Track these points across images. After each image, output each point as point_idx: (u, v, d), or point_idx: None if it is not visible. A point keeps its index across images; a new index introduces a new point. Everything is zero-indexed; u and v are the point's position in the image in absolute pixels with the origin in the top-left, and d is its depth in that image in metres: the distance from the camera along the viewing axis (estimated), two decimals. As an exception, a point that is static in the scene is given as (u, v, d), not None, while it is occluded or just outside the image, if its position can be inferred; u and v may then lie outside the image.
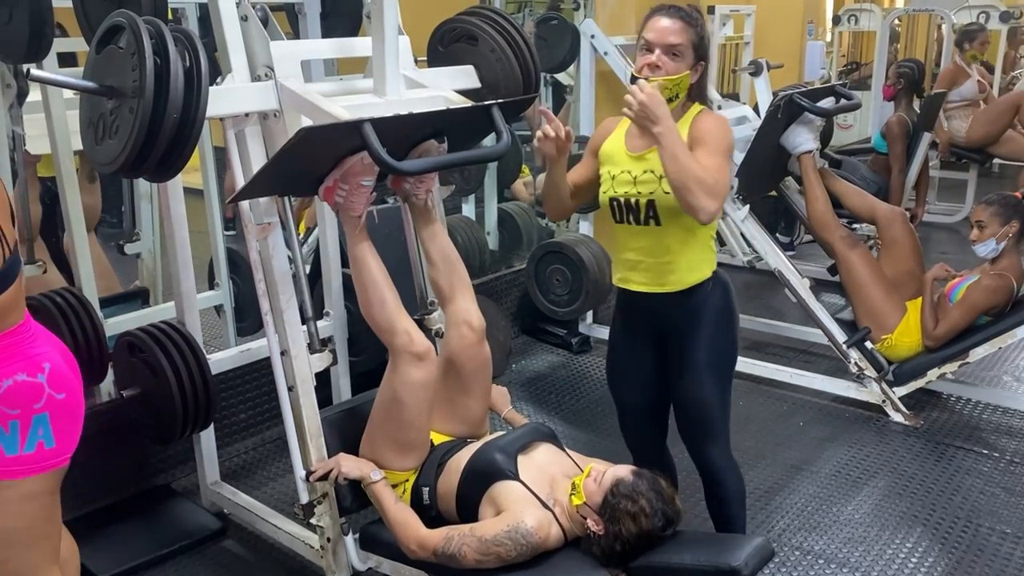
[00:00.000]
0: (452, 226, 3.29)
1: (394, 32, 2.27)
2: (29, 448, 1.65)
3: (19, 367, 1.64)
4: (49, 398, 1.67)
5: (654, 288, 2.24)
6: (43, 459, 1.67)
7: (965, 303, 3.36)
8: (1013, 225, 3.33)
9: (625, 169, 2.20)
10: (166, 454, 3.01)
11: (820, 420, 3.54)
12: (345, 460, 2.20)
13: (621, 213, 2.22)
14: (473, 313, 2.30)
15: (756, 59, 4.63)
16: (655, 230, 2.18)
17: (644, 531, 1.92)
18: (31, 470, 1.66)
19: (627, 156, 2.20)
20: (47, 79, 1.96)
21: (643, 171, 2.16)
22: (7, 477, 1.64)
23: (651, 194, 2.15)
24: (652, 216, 2.17)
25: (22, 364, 1.65)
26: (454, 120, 2.16)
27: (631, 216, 2.20)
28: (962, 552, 2.67)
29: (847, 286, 3.65)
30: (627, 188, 2.18)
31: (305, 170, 2.07)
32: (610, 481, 1.97)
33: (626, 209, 2.20)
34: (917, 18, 8.47)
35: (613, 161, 2.24)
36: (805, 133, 3.61)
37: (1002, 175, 7.79)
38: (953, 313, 3.37)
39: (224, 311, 3.65)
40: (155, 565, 2.62)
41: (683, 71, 2.08)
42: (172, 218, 2.56)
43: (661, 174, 2.10)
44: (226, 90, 2.08)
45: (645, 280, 2.25)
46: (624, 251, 2.28)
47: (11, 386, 1.62)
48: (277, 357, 2.23)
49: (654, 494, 1.95)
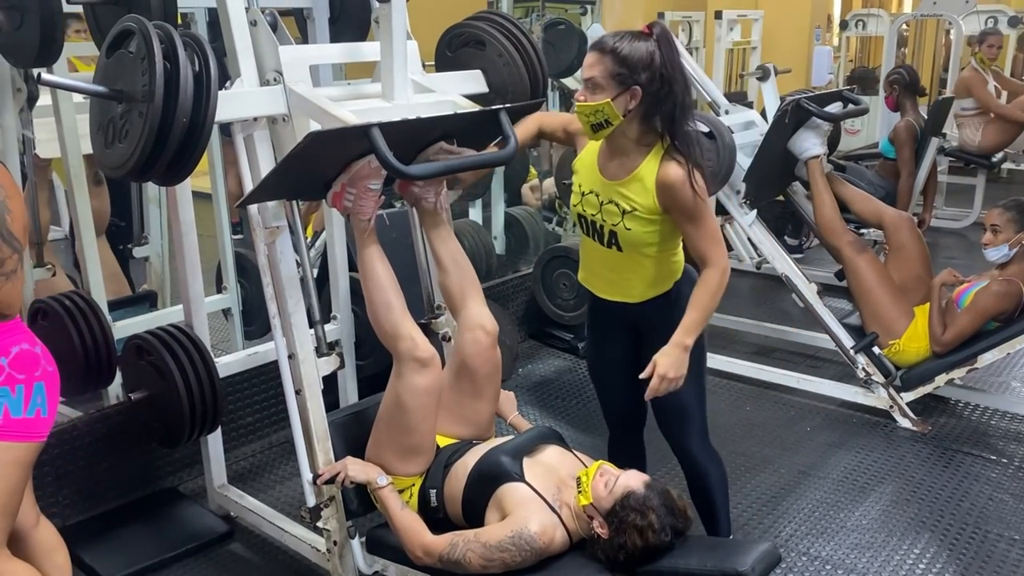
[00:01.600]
0: (459, 230, 3.27)
1: (402, 37, 2.28)
2: (30, 413, 1.79)
3: (22, 338, 1.82)
4: (44, 369, 1.84)
5: (616, 297, 2.32)
6: (39, 427, 1.81)
7: (973, 309, 3.35)
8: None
9: (594, 191, 2.24)
10: (173, 457, 3.02)
11: (827, 425, 3.53)
12: (352, 464, 2.21)
13: (587, 229, 2.29)
14: (486, 317, 2.30)
15: (763, 64, 4.64)
16: (616, 253, 2.25)
17: (651, 545, 1.91)
18: (29, 436, 1.80)
19: (599, 178, 2.23)
20: (58, 83, 1.98)
21: (608, 200, 2.20)
22: (10, 439, 1.77)
23: (614, 226, 2.21)
24: (615, 244, 2.24)
25: (23, 336, 1.83)
26: (462, 124, 2.17)
27: (595, 236, 2.27)
28: (970, 559, 2.65)
29: (854, 291, 3.64)
30: (593, 210, 2.24)
31: (313, 174, 2.08)
32: (621, 491, 1.95)
33: (591, 228, 2.27)
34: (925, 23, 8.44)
35: (585, 177, 2.27)
36: (812, 138, 3.61)
37: (1010, 180, 7.78)
38: (961, 319, 3.36)
39: (232, 315, 3.66)
40: (162, 568, 2.62)
41: (601, 99, 2.09)
42: (180, 222, 2.57)
43: (625, 209, 2.17)
44: (235, 94, 2.09)
45: (608, 291, 2.33)
46: (589, 259, 2.36)
47: (19, 352, 1.79)
48: (285, 360, 2.24)
49: (664, 509, 1.94)
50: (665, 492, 1.98)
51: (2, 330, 1.79)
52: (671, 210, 2.16)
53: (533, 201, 5.27)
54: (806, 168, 3.65)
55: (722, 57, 5.32)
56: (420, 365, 2.12)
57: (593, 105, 2.09)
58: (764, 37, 5.61)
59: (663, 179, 2.13)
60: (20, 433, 1.78)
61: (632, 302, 2.30)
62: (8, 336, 1.79)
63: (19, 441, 1.78)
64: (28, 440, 1.80)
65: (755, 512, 2.90)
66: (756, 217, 3.67)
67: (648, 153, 2.16)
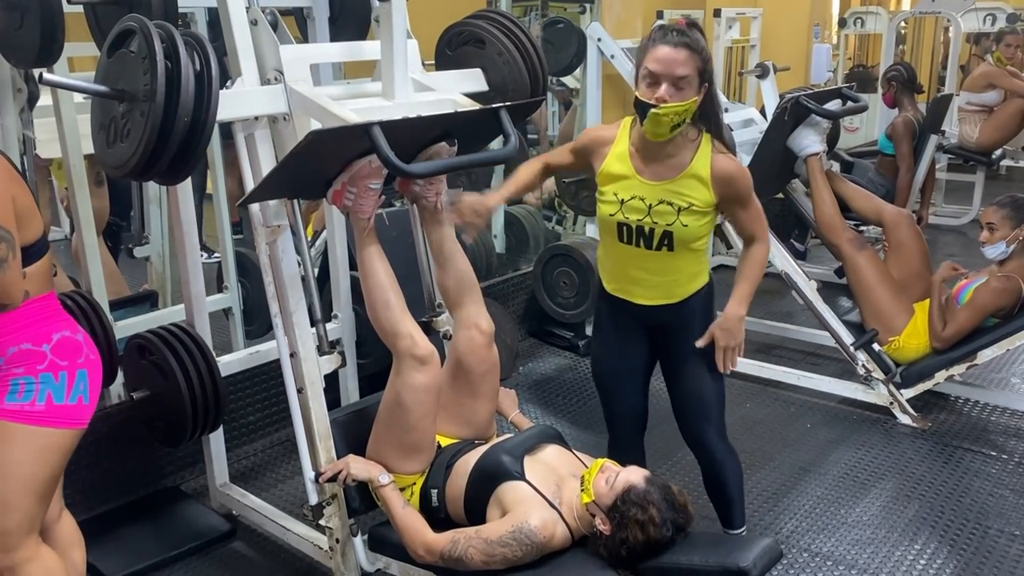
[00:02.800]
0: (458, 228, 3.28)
1: (402, 36, 2.28)
2: (73, 399, 1.81)
3: (64, 324, 1.83)
4: (87, 356, 1.85)
5: (659, 301, 2.32)
6: (81, 414, 1.83)
7: (972, 305, 3.35)
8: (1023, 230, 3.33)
9: (637, 195, 2.22)
10: (175, 456, 3.02)
11: (827, 422, 3.53)
12: (354, 462, 2.21)
13: (630, 236, 2.26)
14: (482, 317, 2.31)
15: (762, 62, 4.65)
16: (666, 254, 2.25)
17: (652, 540, 1.91)
18: (71, 422, 1.82)
19: (640, 182, 2.22)
20: (59, 83, 1.98)
21: (658, 201, 2.20)
22: (52, 425, 1.79)
23: (668, 226, 2.20)
24: (666, 244, 2.23)
25: (65, 323, 1.84)
26: (462, 123, 2.17)
27: (641, 241, 2.25)
28: (971, 554, 2.66)
29: (854, 288, 3.64)
30: (639, 216, 2.22)
31: (314, 173, 2.09)
32: (622, 486, 1.97)
33: (637, 234, 2.24)
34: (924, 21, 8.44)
35: (621, 185, 2.24)
36: (812, 135, 3.62)
37: (1009, 177, 7.78)
38: (961, 315, 3.37)
39: (233, 314, 3.66)
40: (164, 566, 2.62)
41: (689, 99, 2.08)
42: (182, 222, 2.58)
43: (681, 206, 2.18)
44: (236, 94, 2.10)
45: (651, 295, 2.32)
46: (626, 268, 2.33)
47: (61, 339, 1.81)
48: (286, 359, 2.24)
49: (665, 503, 1.94)
50: (666, 487, 1.99)
51: (43, 316, 1.80)
52: (727, 198, 2.21)
53: (532, 200, 5.28)
54: (805, 165, 3.66)
55: (721, 55, 5.32)
56: (419, 363, 2.13)
57: (684, 105, 2.06)
58: (763, 35, 5.60)
59: (723, 171, 2.18)
60: (62, 420, 1.80)
61: (674, 302, 2.32)
62: (49, 323, 1.80)
63: (61, 427, 1.80)
64: (70, 427, 1.82)
65: (756, 508, 2.90)
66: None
67: (696, 148, 2.18)
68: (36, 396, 1.76)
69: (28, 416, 1.76)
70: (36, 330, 1.78)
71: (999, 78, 5.98)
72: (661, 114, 2.06)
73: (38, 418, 1.77)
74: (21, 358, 1.77)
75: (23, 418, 1.76)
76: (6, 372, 1.77)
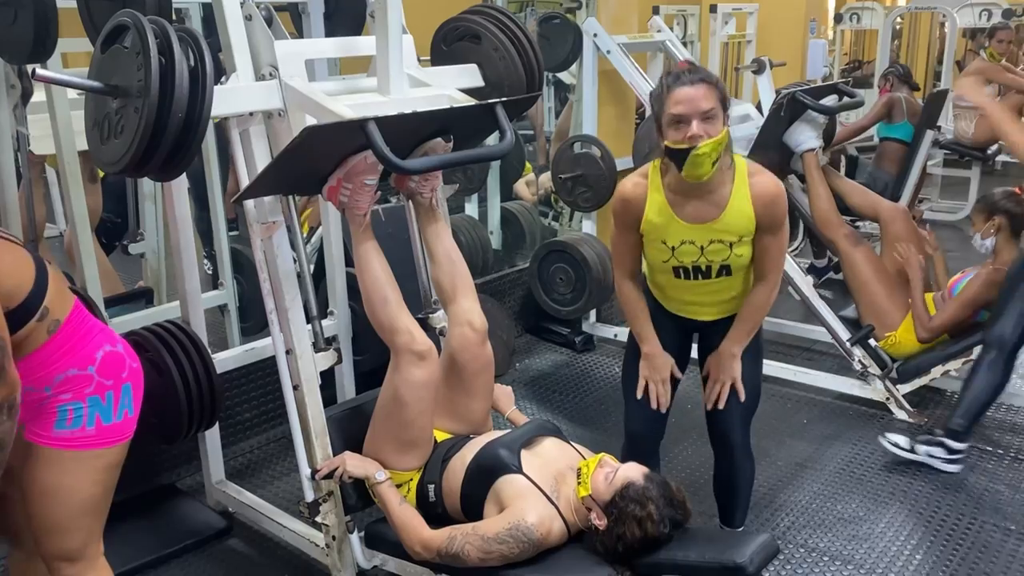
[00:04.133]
0: (455, 225, 3.28)
1: (398, 31, 2.27)
2: (119, 417, 1.75)
3: (103, 339, 1.75)
4: (129, 367, 1.78)
5: (724, 314, 2.36)
6: (127, 428, 1.78)
7: (961, 296, 3.36)
8: (996, 220, 3.34)
9: (686, 240, 2.21)
10: (171, 453, 3.02)
11: (824, 418, 3.54)
12: (350, 458, 2.21)
13: (687, 274, 2.28)
14: (475, 313, 2.30)
15: (758, 57, 4.64)
16: (725, 280, 2.28)
17: (649, 536, 1.91)
18: (120, 438, 1.77)
19: (685, 227, 2.20)
20: (53, 79, 1.96)
21: (709, 241, 2.20)
22: (103, 446, 1.74)
23: (724, 260, 2.22)
24: (724, 273, 2.25)
25: (104, 336, 1.75)
26: (458, 118, 2.16)
27: (699, 275, 2.27)
28: (967, 549, 2.67)
29: (850, 283, 3.65)
30: (693, 257, 2.23)
31: (309, 169, 2.08)
32: (621, 482, 1.96)
33: (694, 272, 2.27)
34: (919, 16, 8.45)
35: (668, 232, 2.22)
36: (808, 131, 3.62)
37: (1005, 173, 7.79)
38: (950, 306, 3.37)
39: (228, 311, 3.65)
40: (161, 564, 2.62)
41: (721, 131, 2.07)
42: (177, 219, 2.56)
43: (732, 241, 2.18)
44: (231, 89, 2.09)
45: (716, 312, 2.36)
46: (684, 295, 2.35)
47: (104, 356, 1.72)
48: (282, 356, 2.24)
49: (663, 500, 1.94)
50: (665, 483, 1.98)
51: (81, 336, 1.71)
52: (765, 222, 2.18)
53: (528, 196, 5.27)
54: (802, 161, 3.66)
55: (717, 51, 5.32)
56: (418, 358, 2.13)
57: (718, 139, 2.06)
58: (759, 31, 5.60)
59: (764, 193, 2.16)
60: (112, 439, 1.75)
61: (733, 314, 2.35)
62: (89, 341, 1.72)
63: (112, 446, 1.76)
64: (119, 443, 1.78)
65: (753, 504, 2.89)
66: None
67: (733, 175, 2.17)
68: (86, 421, 1.71)
69: (79, 442, 1.72)
70: (79, 353, 1.70)
71: (995, 73, 5.98)
72: (701, 154, 2.04)
73: (89, 442, 1.72)
74: (68, 384, 1.70)
75: (75, 444, 1.71)
76: (53, 399, 1.70)
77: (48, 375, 1.68)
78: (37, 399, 1.68)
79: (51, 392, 1.69)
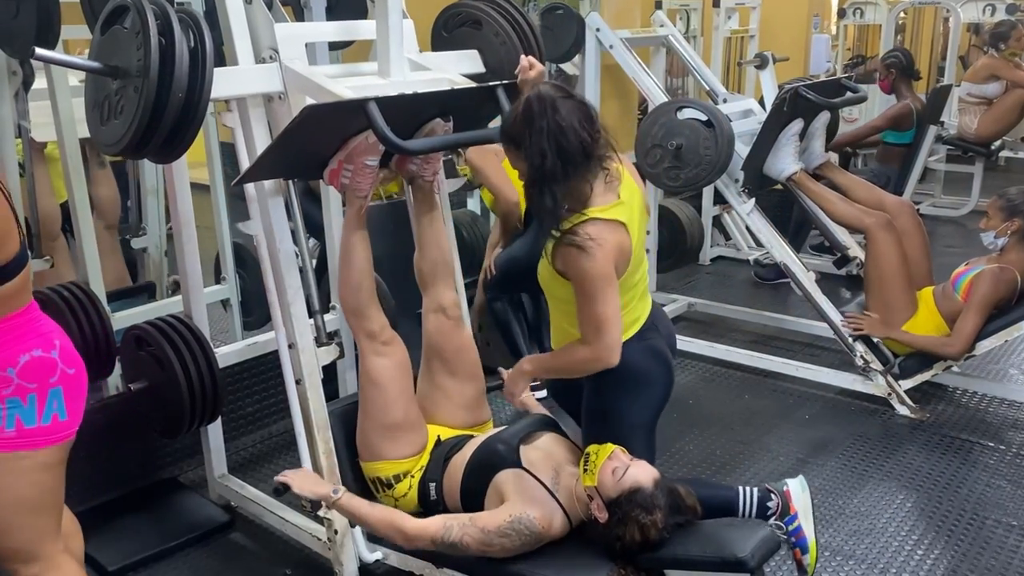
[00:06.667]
0: (456, 220, 3.28)
1: (398, 14, 2.26)
2: (46, 420, 1.74)
3: (34, 343, 1.73)
4: (62, 373, 1.76)
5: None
6: (58, 431, 1.77)
7: (974, 301, 3.30)
8: (1014, 223, 3.32)
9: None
10: (174, 447, 3.02)
11: (826, 413, 3.53)
12: (303, 480, 2.11)
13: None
14: (448, 298, 2.33)
15: (761, 52, 4.63)
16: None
17: (649, 541, 1.91)
18: (47, 441, 1.76)
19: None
20: (53, 59, 1.95)
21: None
22: (26, 448, 1.73)
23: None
24: None
25: (36, 341, 1.74)
26: (459, 101, 2.15)
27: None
28: (968, 544, 2.67)
29: (867, 273, 3.57)
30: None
31: (310, 152, 2.07)
32: (630, 483, 1.92)
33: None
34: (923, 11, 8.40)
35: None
36: (785, 158, 3.55)
37: (1008, 168, 7.78)
38: (968, 319, 3.29)
39: (231, 305, 3.66)
40: (163, 557, 2.62)
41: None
42: (179, 213, 2.56)
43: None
44: (231, 71, 2.08)
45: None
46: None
47: (28, 361, 1.71)
48: (285, 350, 2.24)
49: (670, 509, 1.92)
50: (673, 491, 1.96)
51: (12, 339, 1.70)
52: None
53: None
54: (793, 185, 3.61)
55: (720, 45, 5.31)
56: (382, 344, 2.21)
57: None
58: (762, 26, 5.58)
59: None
60: (36, 440, 1.74)
61: None
62: (17, 345, 1.70)
63: (36, 448, 1.74)
64: (47, 445, 1.76)
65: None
66: (755, 206, 3.67)
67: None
68: (4, 422, 1.70)
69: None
70: (1, 355, 1.69)
71: (1004, 69, 5.97)
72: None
73: (9, 443, 1.71)
74: None
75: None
76: None
77: None
78: None
79: None
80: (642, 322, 2.16)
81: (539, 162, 1.90)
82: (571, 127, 1.89)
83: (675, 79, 6.23)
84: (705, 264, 5.41)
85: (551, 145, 1.88)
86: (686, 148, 3.39)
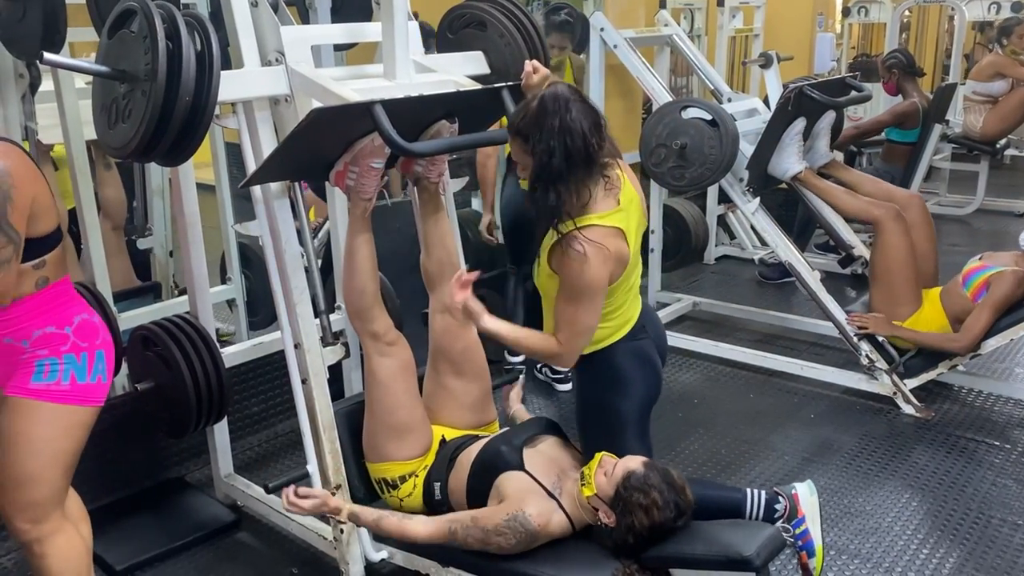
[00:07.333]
0: (462, 221, 3.28)
1: (404, 16, 2.26)
2: (93, 379, 1.90)
3: (81, 308, 1.92)
4: (103, 338, 1.94)
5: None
6: (99, 393, 1.93)
7: (991, 299, 3.27)
8: None
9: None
10: (180, 447, 3.03)
11: (831, 412, 3.53)
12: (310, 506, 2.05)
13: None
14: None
15: (766, 51, 4.63)
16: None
17: (656, 523, 1.92)
18: (93, 400, 1.91)
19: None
20: (60, 63, 1.97)
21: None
22: (77, 402, 1.89)
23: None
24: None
25: (82, 307, 1.93)
26: (464, 103, 2.16)
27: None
28: (973, 543, 2.66)
29: (874, 263, 3.56)
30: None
31: (316, 154, 2.08)
32: (621, 474, 1.97)
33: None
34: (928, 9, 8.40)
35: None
36: (789, 157, 3.56)
37: (1014, 167, 7.76)
38: (983, 313, 3.28)
39: (236, 305, 3.67)
40: (169, 557, 2.63)
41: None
42: (185, 214, 2.57)
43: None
44: (237, 74, 2.09)
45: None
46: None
47: (81, 322, 1.90)
48: (291, 350, 2.25)
49: (666, 486, 1.94)
50: (664, 470, 1.98)
51: (64, 300, 1.87)
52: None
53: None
54: (798, 184, 3.60)
55: (724, 45, 5.30)
56: (386, 345, 2.22)
57: None
58: (767, 25, 5.58)
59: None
60: (86, 398, 1.89)
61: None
62: (69, 306, 1.88)
63: (85, 405, 1.90)
64: (92, 404, 1.91)
65: (759, 499, 2.90)
66: (759, 205, 3.67)
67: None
68: (61, 376, 1.85)
69: (55, 395, 1.86)
70: (59, 313, 1.86)
71: (1009, 67, 5.96)
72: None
73: (64, 396, 1.86)
74: (46, 340, 1.85)
75: (50, 397, 1.85)
76: (31, 354, 1.85)
77: (28, 328, 1.83)
78: (17, 353, 1.85)
79: (29, 347, 1.83)
80: (632, 323, 2.18)
81: (546, 159, 1.91)
82: (580, 130, 1.90)
83: (679, 78, 6.23)
84: (710, 263, 5.42)
85: (559, 144, 1.89)
86: (691, 147, 3.39)
